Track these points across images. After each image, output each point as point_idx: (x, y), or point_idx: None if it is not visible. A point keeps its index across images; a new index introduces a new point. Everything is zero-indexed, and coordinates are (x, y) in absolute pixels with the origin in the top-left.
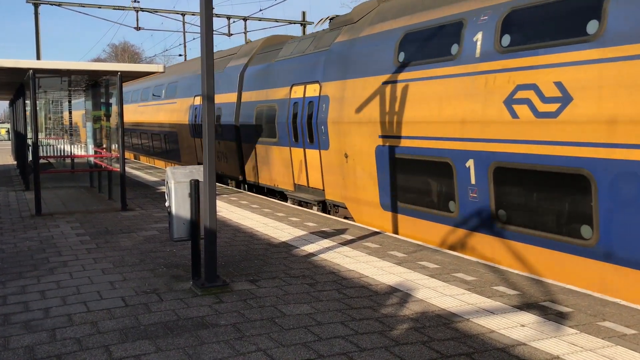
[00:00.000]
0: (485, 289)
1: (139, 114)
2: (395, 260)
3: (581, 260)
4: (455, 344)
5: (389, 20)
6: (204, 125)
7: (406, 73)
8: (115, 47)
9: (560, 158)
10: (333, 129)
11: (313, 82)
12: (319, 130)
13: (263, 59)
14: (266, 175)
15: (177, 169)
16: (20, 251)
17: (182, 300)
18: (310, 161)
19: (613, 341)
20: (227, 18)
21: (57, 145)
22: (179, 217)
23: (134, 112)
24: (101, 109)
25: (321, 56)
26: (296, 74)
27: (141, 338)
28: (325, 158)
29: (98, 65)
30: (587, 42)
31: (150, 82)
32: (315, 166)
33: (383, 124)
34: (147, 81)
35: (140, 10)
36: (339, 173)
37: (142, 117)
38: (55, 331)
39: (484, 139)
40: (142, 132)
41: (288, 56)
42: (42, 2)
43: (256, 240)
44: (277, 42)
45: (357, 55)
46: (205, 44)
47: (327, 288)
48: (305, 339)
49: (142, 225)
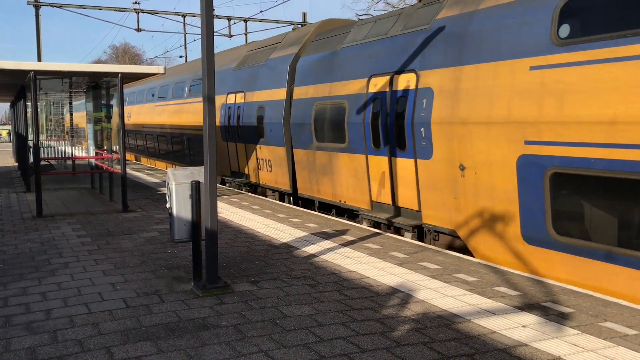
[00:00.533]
0: (487, 289)
1: (156, 114)
2: (396, 261)
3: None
4: (457, 344)
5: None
6: (205, 125)
7: (576, 53)
8: (116, 48)
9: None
10: (440, 131)
11: (405, 71)
12: (415, 134)
13: (321, 46)
14: (328, 189)
15: (177, 170)
16: (22, 253)
17: (183, 302)
18: (399, 173)
19: (614, 342)
20: (227, 19)
21: (58, 147)
22: (180, 219)
23: (150, 112)
24: (102, 110)
25: (416, 38)
26: (376, 62)
27: (142, 339)
28: (425, 170)
29: (99, 67)
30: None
31: (169, 79)
32: (407, 180)
33: (534, 125)
34: (165, 78)
35: (140, 12)
36: (448, 190)
37: (159, 118)
38: (57, 333)
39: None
40: (159, 135)
41: (361, 41)
42: (43, 3)
43: (257, 241)
44: (336, 27)
45: (481, 33)
46: (206, 45)
47: (328, 289)
48: (306, 340)
49: (143, 226)
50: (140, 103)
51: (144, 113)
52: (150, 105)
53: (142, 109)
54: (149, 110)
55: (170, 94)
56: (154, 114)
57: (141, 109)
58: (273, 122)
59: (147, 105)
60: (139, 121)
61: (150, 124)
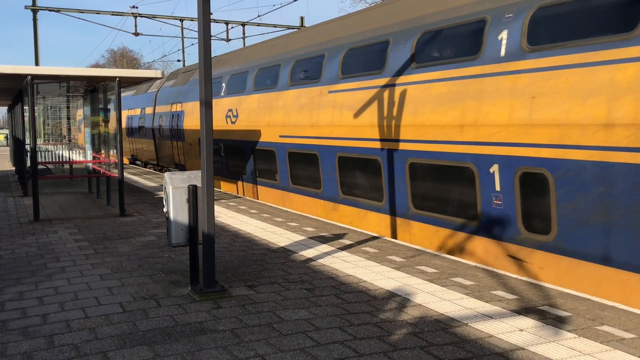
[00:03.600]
0: (484, 293)
1: (232, 114)
2: (393, 265)
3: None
4: (454, 348)
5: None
6: (202, 130)
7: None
8: (113, 52)
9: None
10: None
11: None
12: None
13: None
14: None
15: (175, 174)
16: (18, 257)
17: (180, 306)
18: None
19: (612, 345)
20: (225, 23)
21: (55, 151)
22: (177, 223)
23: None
24: (99, 114)
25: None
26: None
27: (139, 344)
28: None
29: (96, 71)
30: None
31: (250, 61)
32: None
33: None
34: (244, 62)
35: (138, 16)
36: None
37: (239, 118)
38: (53, 337)
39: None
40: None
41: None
42: (41, 7)
43: (255, 245)
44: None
45: None
46: (204, 49)
47: (326, 293)
48: (303, 344)
49: (140, 230)
50: (217, 96)
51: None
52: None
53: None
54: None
55: (249, 85)
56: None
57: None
58: None
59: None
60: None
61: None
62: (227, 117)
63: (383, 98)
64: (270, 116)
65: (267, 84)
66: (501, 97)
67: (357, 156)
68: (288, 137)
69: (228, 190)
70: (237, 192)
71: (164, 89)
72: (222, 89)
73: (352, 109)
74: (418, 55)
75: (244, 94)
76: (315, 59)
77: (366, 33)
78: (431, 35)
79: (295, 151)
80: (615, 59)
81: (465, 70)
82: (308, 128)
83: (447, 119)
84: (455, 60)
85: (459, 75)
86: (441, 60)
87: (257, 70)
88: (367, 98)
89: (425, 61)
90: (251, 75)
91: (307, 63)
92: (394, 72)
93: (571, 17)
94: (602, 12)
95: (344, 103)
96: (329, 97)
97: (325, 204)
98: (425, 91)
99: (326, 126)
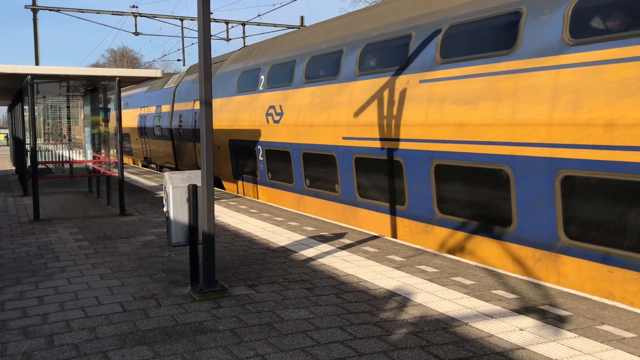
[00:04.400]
0: (484, 292)
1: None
2: (394, 265)
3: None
4: (454, 348)
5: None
6: (202, 129)
7: None
8: (113, 52)
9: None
10: None
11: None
12: None
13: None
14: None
15: (175, 174)
16: (18, 257)
17: (180, 306)
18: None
19: (612, 345)
20: (225, 23)
21: (55, 151)
22: (177, 222)
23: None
24: (99, 114)
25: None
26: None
27: (139, 344)
28: None
29: (96, 71)
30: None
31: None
32: None
33: None
34: (289, 49)
35: (138, 16)
36: None
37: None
38: (53, 337)
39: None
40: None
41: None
42: (41, 7)
43: (255, 244)
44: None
45: None
46: (203, 49)
47: (326, 292)
48: (303, 343)
49: (140, 230)
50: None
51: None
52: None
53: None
54: None
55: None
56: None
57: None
58: None
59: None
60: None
61: None
62: (267, 115)
63: (519, 86)
64: (329, 114)
65: (323, 74)
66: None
67: (471, 166)
68: (355, 139)
69: (271, 202)
70: (284, 204)
71: (185, 84)
72: (261, 82)
73: (460, 103)
74: (573, 23)
75: (291, 87)
76: (395, 42)
77: (480, 2)
78: None
79: (366, 156)
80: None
81: None
82: (387, 128)
83: None
84: None
85: None
86: None
87: (310, 59)
88: (488, 88)
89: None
90: (301, 64)
91: (382, 46)
92: (535, 51)
93: None
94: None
95: (447, 95)
96: (421, 88)
97: (411, 225)
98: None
99: (417, 126)
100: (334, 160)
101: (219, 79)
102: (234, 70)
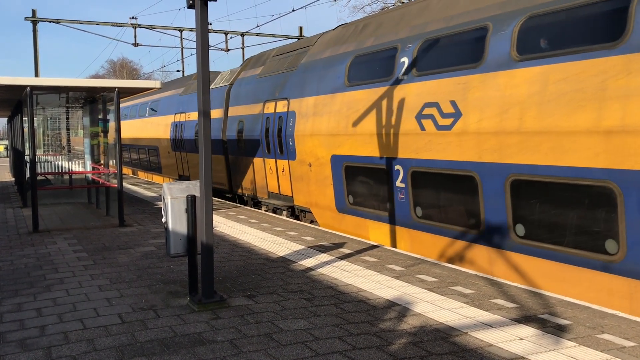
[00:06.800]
0: (484, 302)
1: None
2: (393, 274)
3: None
4: (454, 358)
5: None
6: (200, 140)
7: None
8: (113, 63)
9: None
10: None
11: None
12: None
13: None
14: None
15: (173, 185)
16: (17, 268)
17: (179, 317)
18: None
19: (612, 354)
20: (224, 34)
21: (55, 162)
22: (176, 233)
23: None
24: (99, 125)
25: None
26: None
27: (137, 355)
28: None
29: (95, 82)
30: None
31: None
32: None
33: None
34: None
35: (138, 27)
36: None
37: None
38: (51, 349)
39: None
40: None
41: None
42: (41, 19)
43: (254, 255)
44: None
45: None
46: (201, 60)
47: (325, 303)
48: (302, 354)
49: (139, 241)
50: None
51: None
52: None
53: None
54: None
55: None
56: None
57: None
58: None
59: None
60: None
61: None
62: (421, 118)
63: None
64: (596, 111)
65: (570, 42)
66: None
67: None
68: None
69: (422, 254)
70: (458, 262)
71: (243, 81)
72: (401, 67)
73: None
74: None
75: (481, 70)
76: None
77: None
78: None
79: (537, 179)
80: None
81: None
82: (582, 137)
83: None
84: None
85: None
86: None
87: (527, 18)
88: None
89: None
90: (506, 31)
91: (563, 20)
92: None
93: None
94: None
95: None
96: None
97: (631, 284)
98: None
99: None
100: (613, 196)
101: (306, 70)
102: (335, 55)
